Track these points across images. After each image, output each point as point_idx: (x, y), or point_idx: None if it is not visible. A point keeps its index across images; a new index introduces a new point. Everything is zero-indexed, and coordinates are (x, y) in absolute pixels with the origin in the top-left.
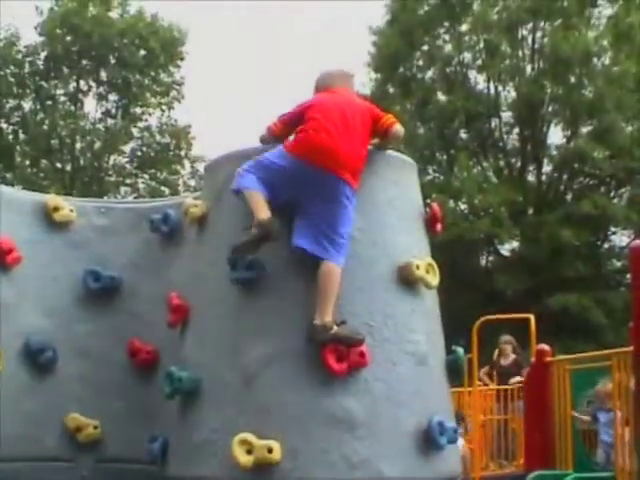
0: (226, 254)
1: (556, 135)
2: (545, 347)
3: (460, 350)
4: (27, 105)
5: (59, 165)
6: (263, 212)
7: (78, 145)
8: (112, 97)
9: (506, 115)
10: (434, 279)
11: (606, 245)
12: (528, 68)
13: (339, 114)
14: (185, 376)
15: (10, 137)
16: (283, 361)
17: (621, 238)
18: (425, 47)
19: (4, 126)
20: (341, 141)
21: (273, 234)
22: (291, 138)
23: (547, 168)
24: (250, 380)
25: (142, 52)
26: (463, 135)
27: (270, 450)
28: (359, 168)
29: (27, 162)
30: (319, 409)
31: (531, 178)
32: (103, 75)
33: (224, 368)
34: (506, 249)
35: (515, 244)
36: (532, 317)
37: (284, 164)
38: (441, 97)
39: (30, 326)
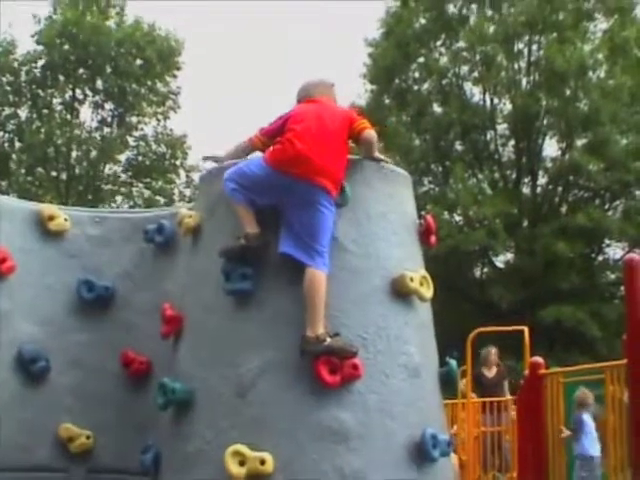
0: (220, 265)
1: (551, 147)
2: (539, 359)
3: (453, 362)
4: (23, 113)
5: (54, 174)
6: (251, 226)
7: (74, 154)
8: (108, 106)
9: (502, 127)
10: (428, 291)
11: (600, 257)
12: (524, 81)
13: (317, 123)
14: (178, 387)
15: (6, 145)
16: (276, 373)
17: (615, 251)
18: (421, 59)
19: (0, 134)
20: (318, 149)
21: (257, 248)
22: (270, 149)
23: (542, 180)
24: (243, 392)
25: (139, 61)
26: (458, 147)
27: (263, 462)
28: (338, 175)
29: (22, 170)
30: (312, 421)
31: (526, 190)
32: (99, 84)
33: (217, 379)
34: (501, 261)
35: (510, 256)
36: (526, 329)
37: (262, 174)
38: (437, 109)
39: (23, 335)
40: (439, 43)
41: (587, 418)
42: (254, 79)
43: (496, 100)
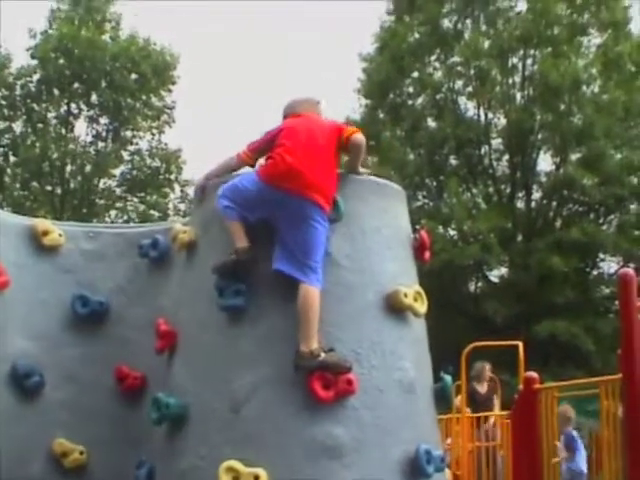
0: (214, 281)
1: (545, 162)
2: (533, 374)
3: (448, 378)
4: (18, 127)
5: (49, 188)
6: (241, 241)
7: (68, 168)
8: (103, 120)
9: (496, 142)
10: (422, 307)
11: (595, 272)
12: (518, 95)
13: (307, 137)
14: (172, 402)
15: (0, 159)
16: (270, 388)
17: (610, 265)
18: (415, 74)
19: None
20: (308, 163)
21: (247, 263)
22: (262, 164)
23: (536, 195)
24: (237, 407)
25: (133, 76)
26: (453, 161)
27: (257, 478)
28: (330, 190)
29: (17, 185)
30: (306, 437)
31: (520, 205)
32: (94, 98)
33: (211, 395)
34: (495, 275)
35: (504, 270)
36: (521, 344)
37: (255, 189)
38: (431, 123)
39: (17, 350)
40: (433, 58)
41: (575, 433)
42: (249, 94)
43: (490, 115)
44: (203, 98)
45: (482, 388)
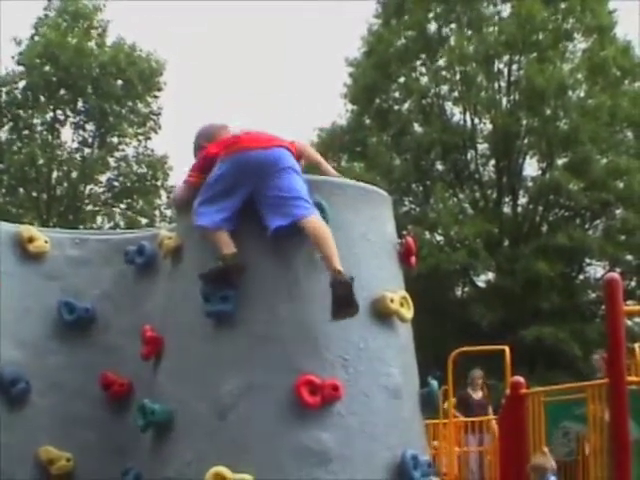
0: (200, 287)
1: (531, 167)
2: (520, 379)
3: (434, 383)
4: (4, 134)
5: (35, 194)
6: (227, 247)
7: (54, 174)
8: (89, 127)
9: (482, 147)
10: (408, 312)
11: (581, 277)
12: (504, 100)
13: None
14: (158, 409)
15: None
16: (256, 394)
17: (596, 270)
18: (401, 79)
19: None
20: (256, 135)
21: (236, 267)
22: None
23: (523, 200)
24: (224, 413)
25: (119, 82)
26: (439, 167)
27: None
28: (289, 146)
29: (3, 191)
30: (293, 442)
31: (507, 210)
32: (80, 105)
33: (197, 401)
34: (482, 280)
35: (491, 275)
36: (507, 349)
37: (224, 168)
38: (417, 129)
39: (3, 357)
40: (419, 63)
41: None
42: (234, 99)
43: (476, 120)
44: (189, 104)
45: (476, 394)
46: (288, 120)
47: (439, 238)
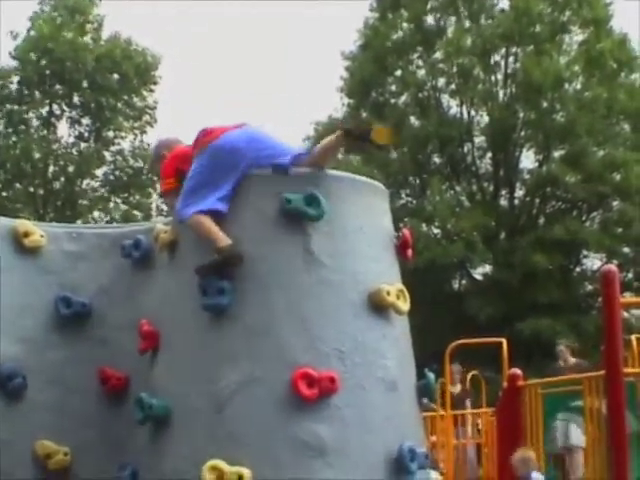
0: (196, 280)
1: (528, 159)
2: (517, 371)
3: (431, 375)
4: None
5: (31, 189)
6: (221, 239)
7: (51, 169)
8: (85, 121)
9: (479, 140)
10: (405, 305)
11: (578, 269)
12: (501, 93)
13: None
14: (156, 403)
15: None
16: (253, 387)
17: (593, 262)
18: (398, 72)
19: None
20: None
21: (236, 257)
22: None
23: (520, 192)
24: (221, 407)
25: (115, 76)
26: (436, 159)
27: (240, 477)
28: None
29: None
30: (290, 435)
31: (504, 202)
32: (76, 99)
33: (195, 395)
34: (479, 273)
35: (488, 268)
36: (504, 341)
37: (204, 163)
38: (414, 122)
39: (0, 352)
40: (416, 56)
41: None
42: (230, 94)
43: (473, 112)
44: (185, 98)
45: (454, 389)
46: (284, 114)
47: (436, 231)
